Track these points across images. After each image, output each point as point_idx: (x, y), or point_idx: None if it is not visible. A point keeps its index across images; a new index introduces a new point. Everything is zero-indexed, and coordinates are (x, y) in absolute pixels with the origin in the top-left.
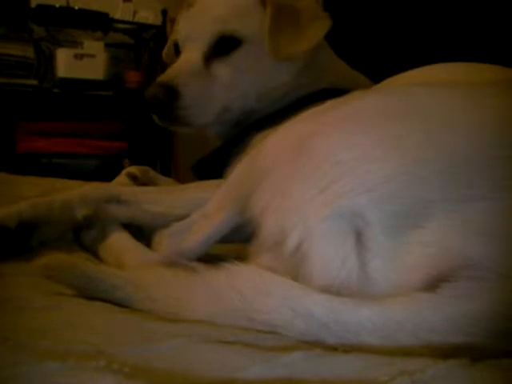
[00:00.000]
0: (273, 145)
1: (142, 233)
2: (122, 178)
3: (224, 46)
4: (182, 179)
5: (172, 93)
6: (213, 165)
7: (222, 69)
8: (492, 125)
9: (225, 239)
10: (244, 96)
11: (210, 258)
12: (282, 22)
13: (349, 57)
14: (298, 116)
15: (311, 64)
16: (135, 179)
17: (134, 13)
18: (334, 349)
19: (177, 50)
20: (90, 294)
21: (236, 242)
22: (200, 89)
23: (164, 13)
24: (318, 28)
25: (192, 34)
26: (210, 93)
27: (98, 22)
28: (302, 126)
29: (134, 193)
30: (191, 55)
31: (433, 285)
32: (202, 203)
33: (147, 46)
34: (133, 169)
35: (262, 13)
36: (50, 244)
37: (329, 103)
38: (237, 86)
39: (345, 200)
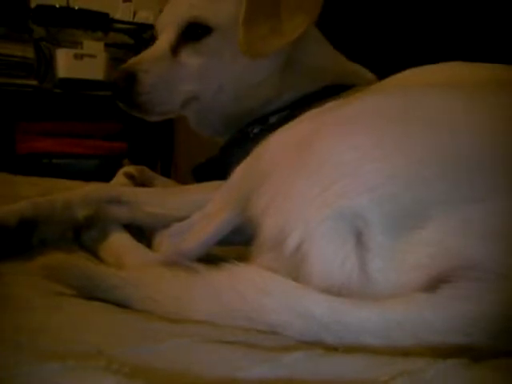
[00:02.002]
0: (274, 146)
1: (143, 233)
2: (120, 177)
3: (194, 33)
4: (182, 180)
5: (130, 78)
6: (212, 169)
7: (191, 56)
8: (493, 125)
9: (225, 241)
10: (218, 88)
11: (210, 259)
12: (260, 12)
13: (350, 52)
14: (300, 117)
15: (301, 60)
16: (132, 179)
17: (134, 13)
18: (334, 349)
19: None
20: (90, 293)
21: (236, 244)
22: (162, 75)
23: None
24: (298, 22)
25: (166, 21)
26: (174, 80)
27: (98, 22)
28: (303, 126)
29: (135, 194)
30: (160, 42)
31: (433, 285)
32: (203, 205)
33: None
34: (130, 168)
35: (238, 2)
36: (50, 244)
37: (330, 104)
38: (205, 75)
39: (345, 200)
